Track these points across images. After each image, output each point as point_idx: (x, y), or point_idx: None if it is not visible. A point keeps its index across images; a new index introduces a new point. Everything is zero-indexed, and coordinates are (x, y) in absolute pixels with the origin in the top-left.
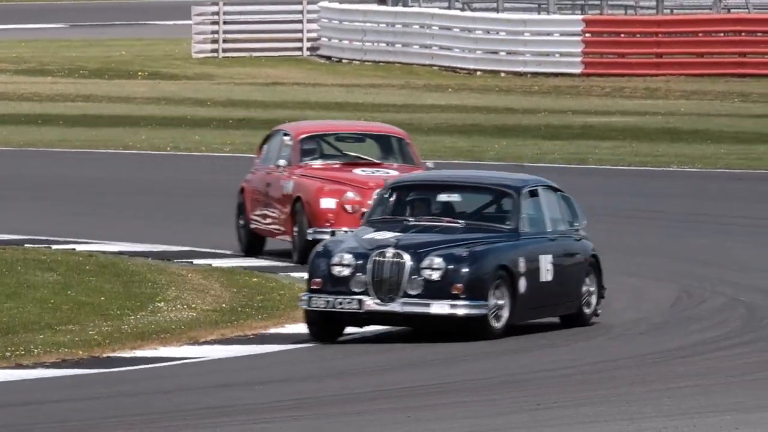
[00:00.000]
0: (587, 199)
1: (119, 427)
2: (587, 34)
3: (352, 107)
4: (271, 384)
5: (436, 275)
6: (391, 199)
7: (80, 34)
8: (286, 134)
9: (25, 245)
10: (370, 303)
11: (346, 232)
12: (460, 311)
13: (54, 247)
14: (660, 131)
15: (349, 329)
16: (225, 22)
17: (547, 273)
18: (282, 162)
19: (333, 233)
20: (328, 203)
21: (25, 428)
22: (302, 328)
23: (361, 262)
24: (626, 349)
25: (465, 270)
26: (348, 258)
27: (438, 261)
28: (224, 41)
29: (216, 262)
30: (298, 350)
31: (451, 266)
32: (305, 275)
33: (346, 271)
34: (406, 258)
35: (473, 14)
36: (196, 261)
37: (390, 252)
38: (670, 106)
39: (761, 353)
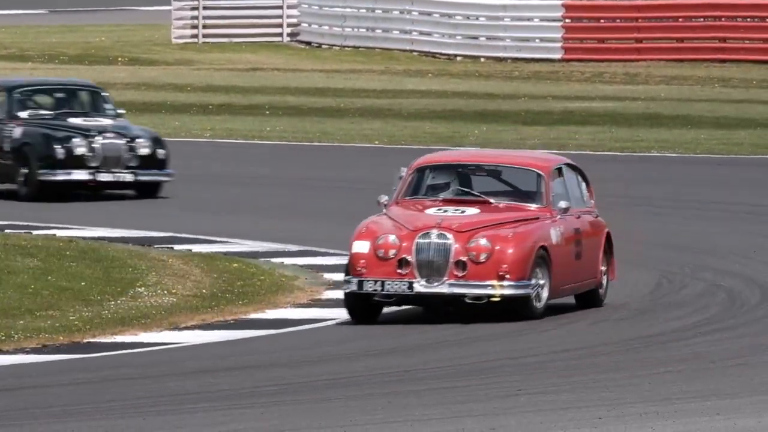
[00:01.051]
0: None
1: (100, 413)
2: (567, 20)
3: (332, 93)
4: (251, 369)
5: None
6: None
7: (60, 20)
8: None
9: (5, 231)
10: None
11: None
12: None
13: (34, 232)
14: (640, 117)
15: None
16: (205, 8)
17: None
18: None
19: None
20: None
21: (6, 414)
22: (282, 313)
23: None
24: (607, 335)
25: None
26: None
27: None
28: (204, 27)
29: (196, 248)
30: (278, 336)
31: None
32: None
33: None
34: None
35: None
36: (176, 246)
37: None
38: (650, 92)
39: (742, 339)
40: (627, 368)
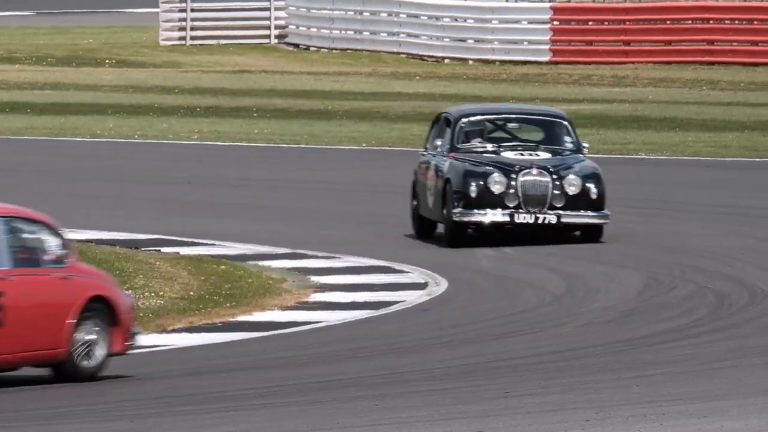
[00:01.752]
0: None
1: (87, 415)
2: (555, 22)
3: (319, 95)
4: (239, 372)
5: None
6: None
7: (48, 22)
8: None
9: None
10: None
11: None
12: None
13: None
14: (628, 119)
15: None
16: (192, 10)
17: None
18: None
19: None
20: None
21: None
22: (270, 315)
23: (512, 181)
24: (594, 336)
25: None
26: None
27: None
28: (192, 29)
29: (184, 250)
30: (266, 338)
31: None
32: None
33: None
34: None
35: (441, 2)
36: (163, 249)
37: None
38: (637, 94)
39: (730, 341)
40: (615, 370)
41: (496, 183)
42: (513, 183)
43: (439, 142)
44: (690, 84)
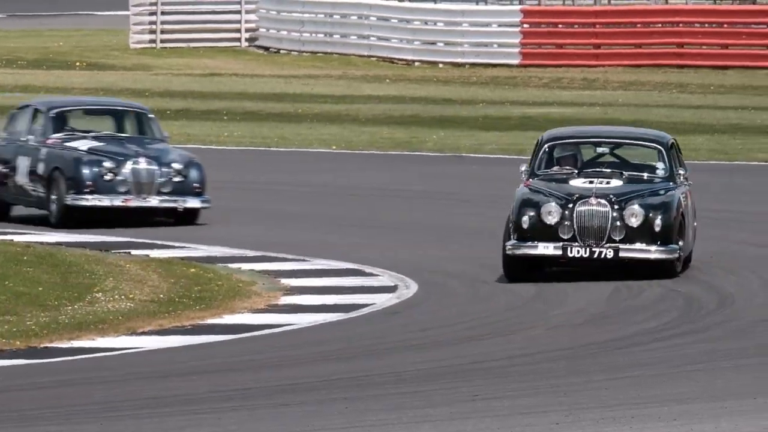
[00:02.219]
0: None
1: (57, 418)
2: (525, 25)
3: (290, 98)
4: (209, 374)
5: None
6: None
7: (18, 25)
8: None
9: None
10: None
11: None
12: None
13: None
14: (598, 122)
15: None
16: (163, 13)
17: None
18: None
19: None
20: None
21: None
22: (240, 318)
23: (566, 211)
24: (564, 340)
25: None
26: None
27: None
28: (162, 32)
29: (154, 253)
30: (236, 341)
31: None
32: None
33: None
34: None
35: (411, 5)
36: (134, 251)
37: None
38: (608, 97)
39: (699, 344)
40: (584, 373)
41: (549, 213)
42: (567, 213)
43: (522, 168)
44: (660, 87)
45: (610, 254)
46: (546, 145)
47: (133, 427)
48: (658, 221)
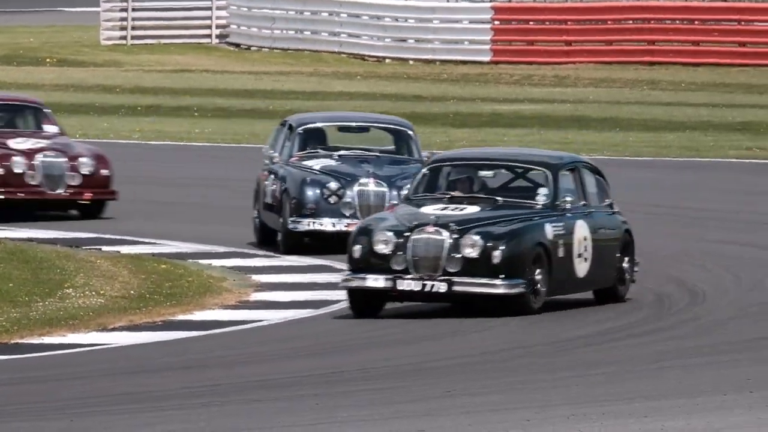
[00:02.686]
0: None
1: (27, 413)
2: (496, 22)
3: (261, 94)
4: (179, 371)
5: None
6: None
7: None
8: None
9: None
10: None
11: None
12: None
13: None
14: (569, 119)
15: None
16: (134, 9)
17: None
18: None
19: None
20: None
21: None
22: (210, 314)
23: (401, 240)
24: (535, 337)
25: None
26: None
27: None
28: (133, 28)
29: (124, 249)
30: (206, 337)
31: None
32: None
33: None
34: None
35: (382, 2)
36: (104, 248)
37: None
38: (578, 94)
39: (671, 341)
40: (556, 370)
41: (382, 243)
42: (401, 242)
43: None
44: (631, 84)
45: (443, 288)
46: (425, 169)
47: (103, 423)
48: (497, 252)
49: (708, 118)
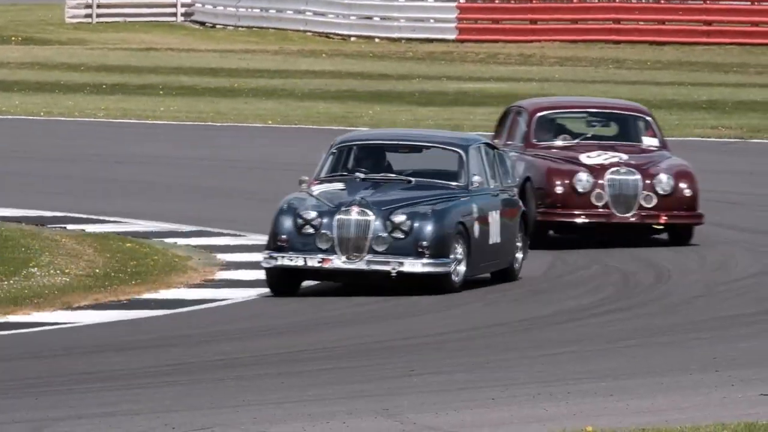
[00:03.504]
0: None
1: None
2: (462, 0)
3: (226, 73)
4: (145, 349)
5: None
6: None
7: None
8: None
9: None
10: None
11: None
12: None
13: None
14: (534, 97)
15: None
16: None
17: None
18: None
19: None
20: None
21: None
22: (176, 293)
23: (326, 219)
24: (500, 315)
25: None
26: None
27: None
28: (98, 6)
29: (89, 228)
30: (171, 316)
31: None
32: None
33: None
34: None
35: None
36: (69, 226)
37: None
38: (544, 72)
39: (635, 320)
40: (521, 348)
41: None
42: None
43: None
44: (596, 63)
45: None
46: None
47: (68, 401)
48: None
49: (673, 97)
